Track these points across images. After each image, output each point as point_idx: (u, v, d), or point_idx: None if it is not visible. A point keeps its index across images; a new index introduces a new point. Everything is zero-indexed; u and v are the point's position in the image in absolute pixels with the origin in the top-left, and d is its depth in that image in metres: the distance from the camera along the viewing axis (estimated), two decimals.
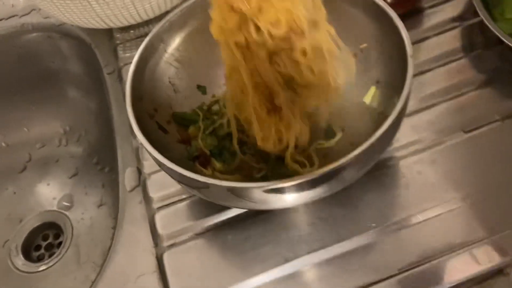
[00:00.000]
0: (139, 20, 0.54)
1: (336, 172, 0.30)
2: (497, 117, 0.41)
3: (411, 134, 0.42)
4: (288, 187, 0.30)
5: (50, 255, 0.60)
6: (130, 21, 0.53)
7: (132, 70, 0.38)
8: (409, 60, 0.33)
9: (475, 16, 0.47)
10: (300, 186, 0.30)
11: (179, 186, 0.42)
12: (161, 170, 0.43)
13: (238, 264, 0.38)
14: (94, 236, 0.60)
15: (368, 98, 0.40)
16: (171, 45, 0.42)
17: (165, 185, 0.43)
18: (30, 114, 0.69)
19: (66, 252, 0.59)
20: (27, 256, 0.61)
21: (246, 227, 0.39)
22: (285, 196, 0.32)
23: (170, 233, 0.40)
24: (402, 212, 0.38)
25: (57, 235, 0.63)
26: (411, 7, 0.50)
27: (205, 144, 0.39)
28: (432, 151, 0.41)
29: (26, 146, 0.69)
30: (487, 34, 0.45)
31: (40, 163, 0.68)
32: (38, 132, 0.69)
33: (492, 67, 0.45)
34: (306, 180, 0.29)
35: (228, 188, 0.31)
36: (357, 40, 0.41)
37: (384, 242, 0.36)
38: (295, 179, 0.29)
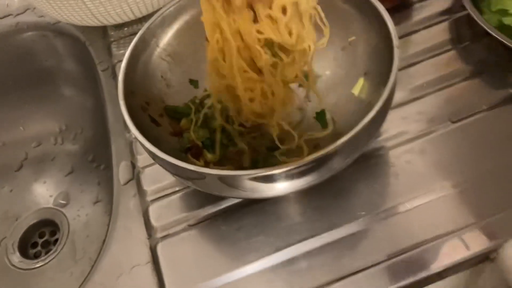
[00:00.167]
0: (132, 18, 0.54)
1: (323, 159, 0.30)
2: (484, 107, 0.42)
3: (400, 125, 0.42)
4: (277, 174, 0.30)
5: (47, 252, 0.61)
6: (124, 18, 0.54)
7: (124, 63, 0.38)
8: (395, 51, 0.34)
9: (463, 9, 0.48)
10: (288, 174, 0.31)
11: (173, 179, 0.43)
12: (154, 164, 0.44)
13: (231, 253, 0.38)
14: (90, 233, 0.61)
15: (356, 89, 0.40)
16: (163, 39, 0.43)
17: (158, 178, 0.44)
18: (26, 113, 0.69)
19: (62, 249, 0.60)
20: (24, 253, 0.61)
21: (239, 218, 0.40)
22: (274, 184, 0.32)
23: (163, 224, 0.41)
24: (391, 201, 0.38)
25: (53, 232, 0.63)
26: (399, 1, 0.51)
27: (197, 136, 0.40)
28: (421, 141, 0.41)
29: (22, 144, 0.69)
30: (475, 27, 0.46)
31: (36, 161, 0.68)
32: (34, 130, 0.70)
33: (479, 58, 0.46)
34: (294, 167, 0.30)
35: (219, 177, 0.32)
36: (345, 33, 0.41)
37: (374, 229, 0.37)
38: (283, 166, 0.30)
